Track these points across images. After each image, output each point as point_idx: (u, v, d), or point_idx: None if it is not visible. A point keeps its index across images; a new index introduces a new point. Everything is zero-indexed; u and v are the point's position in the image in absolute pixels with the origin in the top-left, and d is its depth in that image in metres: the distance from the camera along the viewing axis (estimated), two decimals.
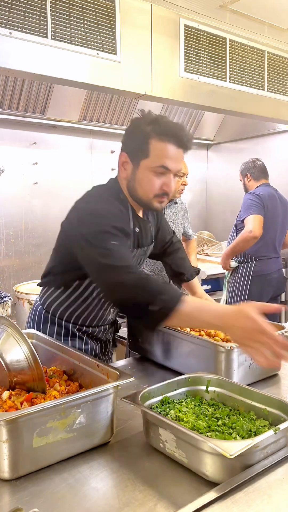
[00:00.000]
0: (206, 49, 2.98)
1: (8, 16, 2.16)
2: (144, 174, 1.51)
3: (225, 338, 1.66)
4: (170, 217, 2.89)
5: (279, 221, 3.48)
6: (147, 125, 1.48)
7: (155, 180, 1.50)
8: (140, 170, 1.51)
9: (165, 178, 1.51)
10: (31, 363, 1.25)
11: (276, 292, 3.58)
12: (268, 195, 3.43)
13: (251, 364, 1.55)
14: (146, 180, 1.51)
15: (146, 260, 2.75)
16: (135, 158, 1.51)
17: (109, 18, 2.50)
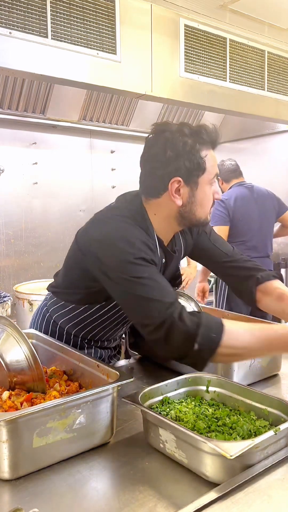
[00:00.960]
0: (206, 49, 2.98)
1: (8, 16, 2.16)
2: (205, 191, 1.35)
3: None
4: None
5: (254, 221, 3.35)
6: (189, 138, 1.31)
7: (209, 192, 1.37)
8: (200, 188, 1.34)
9: (215, 186, 1.38)
10: (31, 363, 1.25)
11: None
12: (236, 197, 3.32)
13: (251, 364, 1.55)
14: (208, 195, 1.36)
15: None
16: (192, 178, 1.33)
17: (109, 18, 2.50)
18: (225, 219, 3.28)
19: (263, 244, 3.43)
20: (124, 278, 1.24)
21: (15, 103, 3.52)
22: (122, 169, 4.48)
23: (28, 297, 3.44)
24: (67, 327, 1.64)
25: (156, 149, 1.33)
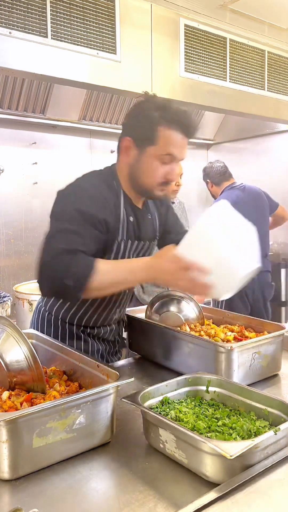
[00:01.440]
0: (206, 49, 2.98)
1: (8, 16, 2.16)
2: (149, 161, 1.46)
3: (225, 338, 1.66)
4: None
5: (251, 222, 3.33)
6: (155, 110, 1.43)
7: (160, 168, 1.46)
8: (145, 156, 1.46)
9: (169, 167, 1.47)
10: (30, 363, 1.25)
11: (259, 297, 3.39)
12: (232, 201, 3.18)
13: (251, 364, 1.55)
14: (150, 167, 1.46)
15: None
16: (141, 144, 1.46)
17: (109, 18, 2.50)
18: None
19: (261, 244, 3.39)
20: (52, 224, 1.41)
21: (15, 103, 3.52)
22: None
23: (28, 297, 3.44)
24: (61, 314, 1.67)
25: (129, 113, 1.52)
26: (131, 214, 1.56)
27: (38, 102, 3.61)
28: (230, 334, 1.70)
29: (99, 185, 1.49)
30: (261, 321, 1.77)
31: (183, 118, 1.44)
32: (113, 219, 1.48)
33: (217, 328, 1.78)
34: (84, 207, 1.41)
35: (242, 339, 1.64)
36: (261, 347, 1.57)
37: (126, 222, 1.53)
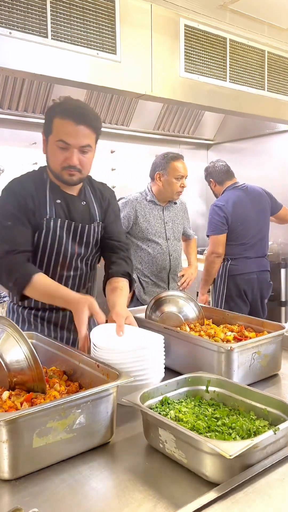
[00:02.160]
0: (206, 49, 2.98)
1: (8, 16, 2.16)
2: (50, 149, 1.70)
3: (225, 338, 1.66)
4: (169, 218, 2.89)
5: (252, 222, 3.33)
6: (56, 107, 1.69)
7: (58, 153, 1.68)
8: (49, 145, 1.71)
9: (68, 153, 1.67)
10: (31, 363, 1.25)
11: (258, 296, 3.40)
12: (233, 202, 3.29)
13: (251, 364, 1.55)
14: (52, 153, 1.70)
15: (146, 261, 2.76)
16: (46, 136, 1.72)
17: (109, 18, 2.50)
18: (222, 228, 3.25)
19: (261, 244, 3.41)
20: None
21: (15, 103, 3.52)
22: (122, 169, 4.48)
23: None
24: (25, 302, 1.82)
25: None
26: (58, 198, 1.77)
27: (38, 102, 3.62)
28: (230, 334, 1.70)
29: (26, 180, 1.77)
30: (261, 321, 1.77)
31: (74, 108, 1.67)
32: (37, 206, 1.72)
33: (217, 328, 1.78)
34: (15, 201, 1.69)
35: (242, 339, 1.64)
36: (261, 347, 1.58)
37: (53, 204, 1.76)
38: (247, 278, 3.33)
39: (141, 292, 2.81)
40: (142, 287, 2.81)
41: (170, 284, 2.89)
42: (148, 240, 2.79)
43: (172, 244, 2.87)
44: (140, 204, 2.81)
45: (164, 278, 2.87)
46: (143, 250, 2.80)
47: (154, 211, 2.84)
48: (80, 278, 1.87)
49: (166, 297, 1.89)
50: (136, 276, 2.83)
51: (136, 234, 2.81)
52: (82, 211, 1.82)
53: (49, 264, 1.77)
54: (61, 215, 1.76)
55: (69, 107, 1.67)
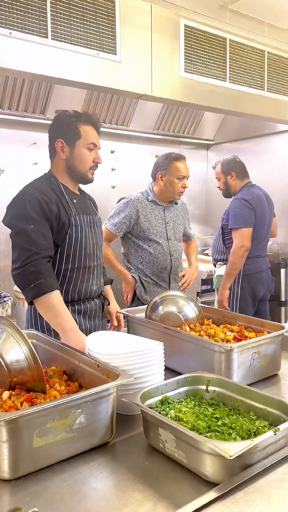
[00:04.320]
0: (206, 49, 2.98)
1: (8, 16, 2.16)
2: (79, 152, 1.93)
3: (225, 338, 1.66)
4: (170, 218, 2.89)
5: (266, 221, 3.41)
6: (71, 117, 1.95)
7: (88, 155, 1.94)
8: (76, 149, 1.93)
9: (94, 153, 1.96)
10: (31, 363, 1.25)
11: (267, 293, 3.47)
12: (258, 198, 3.35)
13: (251, 364, 1.55)
14: (81, 156, 1.93)
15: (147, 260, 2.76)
16: (71, 141, 1.93)
17: (109, 18, 2.50)
18: (251, 221, 3.27)
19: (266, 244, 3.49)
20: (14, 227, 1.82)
21: (15, 103, 3.52)
22: (122, 169, 4.48)
23: None
24: None
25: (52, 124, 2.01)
26: (73, 198, 1.98)
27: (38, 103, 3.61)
28: (229, 334, 1.70)
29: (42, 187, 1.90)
30: (261, 321, 1.77)
31: (91, 117, 1.98)
32: (61, 206, 1.89)
33: (217, 328, 1.78)
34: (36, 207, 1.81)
35: (242, 339, 1.65)
36: (260, 347, 1.58)
37: (72, 203, 1.96)
38: (259, 277, 3.38)
39: (142, 292, 2.81)
40: (143, 287, 2.82)
41: (171, 284, 2.89)
42: (149, 240, 2.79)
43: (173, 244, 2.87)
44: (141, 204, 2.81)
45: (165, 278, 2.87)
46: (144, 250, 2.80)
47: (155, 211, 2.84)
48: (100, 267, 2.09)
49: (166, 297, 1.89)
50: (137, 276, 2.83)
51: (137, 234, 2.81)
52: (88, 206, 2.08)
53: (80, 257, 1.93)
54: (80, 212, 1.97)
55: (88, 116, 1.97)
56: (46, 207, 1.82)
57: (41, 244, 1.76)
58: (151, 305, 1.87)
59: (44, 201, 1.83)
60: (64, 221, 1.87)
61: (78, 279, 1.95)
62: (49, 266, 1.77)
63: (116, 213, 2.84)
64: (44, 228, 1.80)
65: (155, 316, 1.84)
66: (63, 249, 1.89)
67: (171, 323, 1.80)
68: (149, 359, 1.35)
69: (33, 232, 1.76)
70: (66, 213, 1.89)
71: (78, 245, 1.91)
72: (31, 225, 1.77)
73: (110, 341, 1.48)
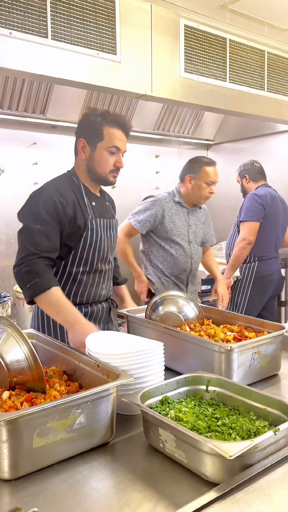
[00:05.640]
0: (206, 49, 2.98)
1: (8, 16, 2.16)
2: (99, 154, 1.89)
3: (225, 339, 1.66)
4: (193, 221, 2.88)
5: (280, 222, 3.48)
6: (98, 116, 1.89)
7: (110, 158, 1.89)
8: (97, 151, 1.89)
9: (116, 157, 1.90)
10: (31, 363, 1.25)
11: (275, 292, 3.58)
12: (270, 195, 3.43)
13: (251, 364, 1.55)
14: (102, 158, 1.89)
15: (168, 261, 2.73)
16: (93, 142, 1.89)
17: (109, 18, 2.50)
18: (259, 215, 3.32)
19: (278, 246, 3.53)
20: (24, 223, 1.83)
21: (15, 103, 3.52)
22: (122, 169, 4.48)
23: None
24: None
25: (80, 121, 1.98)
26: (92, 200, 1.95)
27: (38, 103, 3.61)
28: (229, 334, 1.70)
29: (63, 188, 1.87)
30: (261, 321, 1.77)
31: (119, 119, 1.91)
32: (79, 209, 1.86)
33: (217, 328, 1.78)
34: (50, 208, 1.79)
35: (242, 339, 1.65)
36: (260, 347, 1.58)
37: (90, 205, 1.93)
38: (270, 279, 3.46)
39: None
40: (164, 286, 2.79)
41: (188, 286, 2.88)
42: (171, 241, 2.78)
43: (194, 247, 2.86)
44: (168, 204, 2.80)
45: (184, 280, 2.86)
46: (166, 251, 2.79)
47: (179, 213, 2.83)
48: (111, 272, 2.08)
49: (166, 297, 1.89)
50: (156, 276, 2.82)
51: (160, 233, 2.79)
52: (107, 209, 2.06)
53: (93, 261, 1.92)
54: (97, 215, 1.95)
55: (116, 118, 1.91)
56: (61, 210, 1.80)
57: (42, 246, 1.74)
58: (151, 305, 1.87)
59: (60, 203, 1.80)
60: (79, 224, 1.85)
61: (88, 282, 1.94)
62: (44, 265, 1.74)
63: (142, 210, 2.82)
64: (51, 230, 1.77)
65: (155, 316, 1.84)
66: (77, 252, 1.87)
67: (171, 323, 1.80)
68: (149, 359, 1.35)
69: (38, 233, 1.74)
70: (82, 216, 1.87)
71: (92, 249, 1.90)
72: (38, 225, 1.75)
73: (110, 341, 1.48)
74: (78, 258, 1.88)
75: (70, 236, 1.84)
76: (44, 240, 1.75)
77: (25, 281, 1.72)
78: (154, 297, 1.90)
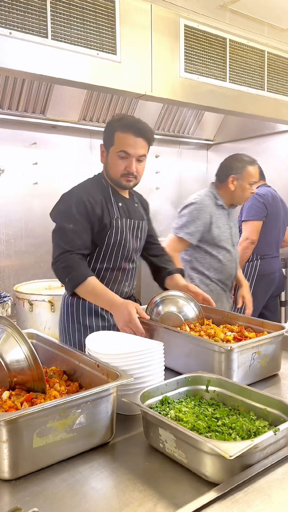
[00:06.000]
0: (206, 49, 2.98)
1: (8, 16, 2.16)
2: (111, 158, 1.94)
3: (225, 338, 1.66)
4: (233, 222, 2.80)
5: (280, 221, 3.48)
6: (116, 122, 1.94)
7: (120, 162, 1.92)
8: (110, 155, 1.94)
9: (127, 162, 1.91)
10: (31, 363, 1.25)
11: (276, 291, 3.58)
12: (271, 194, 3.43)
13: (251, 364, 1.55)
14: (113, 162, 1.94)
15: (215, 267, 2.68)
16: (107, 147, 1.96)
17: (109, 18, 2.50)
18: (262, 214, 3.31)
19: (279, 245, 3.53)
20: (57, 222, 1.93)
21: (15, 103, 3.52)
22: None
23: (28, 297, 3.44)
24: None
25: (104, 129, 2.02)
26: (119, 201, 2.01)
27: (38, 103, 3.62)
28: (229, 334, 1.70)
29: (92, 188, 1.97)
30: (261, 321, 1.77)
31: (133, 123, 1.91)
32: (106, 208, 1.93)
33: (217, 328, 1.78)
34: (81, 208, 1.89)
35: (242, 339, 1.64)
36: (260, 347, 1.58)
37: (117, 206, 1.99)
38: (272, 278, 3.45)
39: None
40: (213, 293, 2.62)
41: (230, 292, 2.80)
42: (218, 246, 2.66)
43: (236, 250, 2.77)
44: (212, 209, 2.66)
45: (229, 286, 2.77)
46: (213, 257, 2.67)
47: (222, 216, 2.70)
48: (135, 271, 2.13)
49: (166, 297, 1.89)
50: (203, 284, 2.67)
51: (206, 240, 2.65)
52: (136, 211, 2.09)
53: (116, 259, 1.98)
54: (123, 215, 2.00)
55: (129, 122, 1.91)
56: (90, 209, 1.89)
57: (75, 244, 1.85)
58: (151, 305, 1.87)
59: (90, 203, 1.90)
60: (105, 223, 1.92)
61: (111, 279, 2.00)
62: (78, 259, 1.84)
63: (190, 221, 2.62)
64: (83, 229, 1.87)
65: (155, 316, 1.84)
66: (101, 249, 1.95)
67: (171, 323, 1.80)
68: (149, 359, 1.35)
69: (71, 232, 1.85)
70: (108, 215, 1.94)
71: (116, 247, 1.96)
72: (70, 224, 1.85)
73: (110, 341, 1.48)
74: (102, 255, 1.96)
75: (98, 234, 1.93)
76: (77, 238, 1.86)
77: (63, 276, 1.84)
78: (154, 297, 1.90)
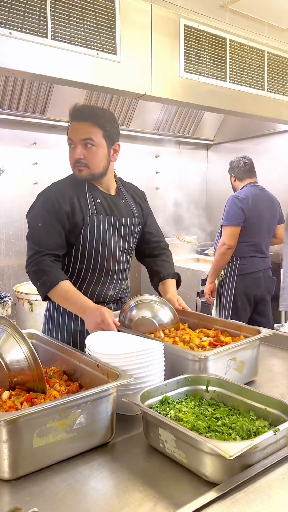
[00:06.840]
0: (206, 49, 2.98)
1: (8, 16, 2.16)
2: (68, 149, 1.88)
3: (200, 344, 1.59)
4: None
5: (264, 222, 3.41)
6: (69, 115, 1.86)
7: (70, 152, 1.86)
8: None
9: (74, 149, 1.83)
10: (31, 363, 1.25)
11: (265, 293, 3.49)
12: (253, 196, 3.36)
13: (226, 372, 1.49)
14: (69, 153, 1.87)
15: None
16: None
17: (109, 18, 2.50)
18: (239, 219, 3.29)
19: (267, 246, 3.49)
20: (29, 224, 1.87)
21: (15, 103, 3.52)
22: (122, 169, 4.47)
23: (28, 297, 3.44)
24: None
25: None
26: (98, 197, 1.90)
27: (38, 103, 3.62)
28: (205, 339, 1.62)
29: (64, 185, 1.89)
30: (238, 325, 1.71)
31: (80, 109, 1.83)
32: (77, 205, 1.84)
33: (192, 333, 1.70)
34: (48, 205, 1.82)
35: (218, 344, 1.57)
36: (236, 353, 1.51)
37: (93, 202, 1.88)
38: (255, 277, 3.41)
39: None
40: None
41: None
42: None
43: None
44: None
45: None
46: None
47: None
48: (123, 273, 2.00)
49: (141, 302, 1.80)
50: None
51: None
52: (122, 207, 1.97)
53: (97, 259, 1.89)
54: (102, 212, 1.89)
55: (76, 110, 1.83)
56: (57, 205, 1.81)
57: (46, 244, 1.77)
58: (125, 310, 1.78)
59: (57, 200, 1.82)
60: (77, 220, 1.83)
61: (93, 280, 1.91)
62: (50, 261, 1.76)
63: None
64: (52, 227, 1.79)
65: (128, 322, 1.75)
66: (78, 249, 1.86)
67: (145, 329, 1.72)
68: (149, 359, 1.35)
69: (39, 231, 1.79)
70: (81, 211, 1.84)
71: (95, 246, 1.87)
72: (39, 224, 1.79)
73: (110, 341, 1.48)
74: (80, 255, 1.87)
75: (71, 233, 1.84)
76: (47, 238, 1.78)
77: (35, 280, 1.77)
78: (129, 301, 1.81)
